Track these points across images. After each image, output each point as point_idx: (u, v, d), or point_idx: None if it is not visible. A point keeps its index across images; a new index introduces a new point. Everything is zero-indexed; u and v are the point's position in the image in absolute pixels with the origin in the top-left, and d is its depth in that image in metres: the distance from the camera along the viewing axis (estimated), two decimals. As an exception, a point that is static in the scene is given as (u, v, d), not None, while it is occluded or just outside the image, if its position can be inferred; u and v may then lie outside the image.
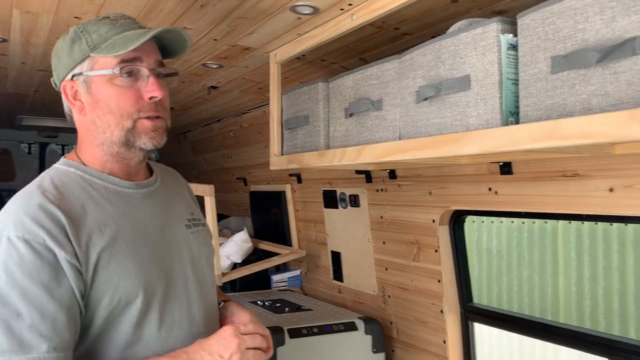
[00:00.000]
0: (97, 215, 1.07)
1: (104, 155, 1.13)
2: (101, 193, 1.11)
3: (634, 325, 3.57)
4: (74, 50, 1.10)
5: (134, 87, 1.08)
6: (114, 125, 1.09)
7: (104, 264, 1.03)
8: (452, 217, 1.82)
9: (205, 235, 1.30)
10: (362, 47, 1.75)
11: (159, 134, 1.11)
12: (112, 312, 1.04)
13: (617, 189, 1.26)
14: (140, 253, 1.09)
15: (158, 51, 1.14)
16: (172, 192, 1.28)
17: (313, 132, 1.69)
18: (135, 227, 1.11)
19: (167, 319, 1.11)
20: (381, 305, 2.20)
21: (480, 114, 1.10)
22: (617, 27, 0.87)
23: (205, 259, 1.26)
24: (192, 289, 1.18)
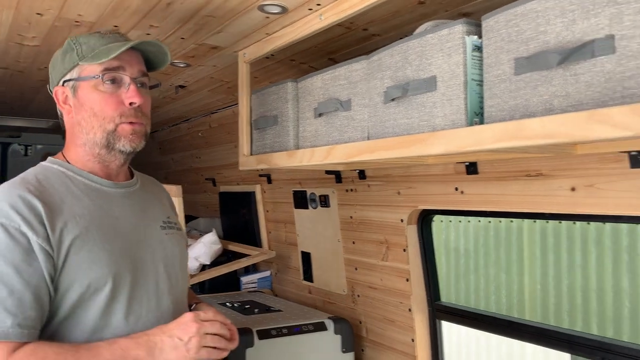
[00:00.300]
0: (74, 206, 1.16)
1: (85, 155, 1.24)
2: (80, 188, 1.21)
3: (595, 321, 3.67)
4: (65, 59, 1.23)
5: (116, 94, 1.19)
6: (97, 127, 1.20)
7: (76, 250, 1.11)
8: (420, 216, 1.84)
9: (179, 238, 1.37)
10: (331, 47, 1.75)
11: (137, 137, 1.22)
12: (81, 296, 1.11)
13: (579, 188, 1.30)
14: (112, 244, 1.16)
15: (142, 63, 1.26)
16: (151, 196, 1.37)
17: (282, 132, 1.68)
18: (110, 221, 1.20)
19: (135, 310, 1.17)
20: (351, 305, 2.21)
21: (446, 114, 1.11)
22: (577, 30, 0.90)
23: (178, 260, 1.34)
24: (162, 285, 1.25)
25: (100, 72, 1.18)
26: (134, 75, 1.21)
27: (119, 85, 1.20)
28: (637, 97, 0.82)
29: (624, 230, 3.51)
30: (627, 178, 1.20)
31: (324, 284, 2.38)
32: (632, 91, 0.83)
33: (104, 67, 1.18)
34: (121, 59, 1.19)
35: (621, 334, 3.51)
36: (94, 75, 1.19)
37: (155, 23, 1.56)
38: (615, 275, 3.58)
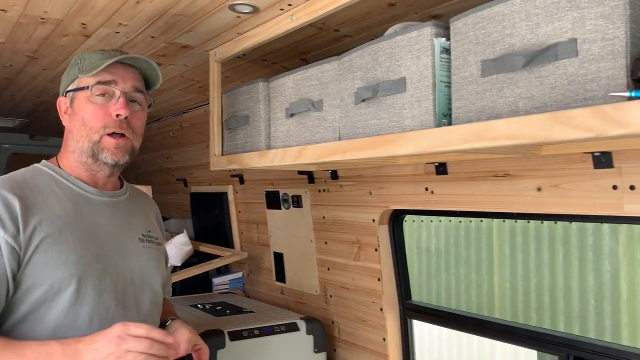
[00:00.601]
0: (54, 207, 1.20)
1: (74, 162, 1.29)
2: (64, 191, 1.26)
3: (562, 319, 3.76)
4: (70, 72, 1.32)
5: (105, 106, 1.25)
6: (84, 137, 1.26)
7: (45, 249, 1.14)
8: (391, 216, 1.86)
9: (157, 253, 1.41)
10: (303, 47, 1.76)
11: (119, 152, 1.26)
12: (45, 295, 1.13)
13: (545, 188, 1.32)
14: (83, 248, 1.19)
15: (138, 80, 1.31)
16: (136, 208, 1.42)
17: (254, 132, 1.68)
18: (87, 225, 1.24)
19: (100, 314, 1.19)
20: (323, 305, 2.21)
21: (415, 115, 1.12)
22: (542, 33, 0.92)
23: (153, 273, 1.36)
24: (131, 295, 1.28)
25: (93, 84, 1.25)
26: (126, 89, 1.27)
27: (110, 98, 1.26)
28: (599, 100, 0.84)
29: (589, 230, 3.60)
30: (591, 178, 1.23)
31: (296, 285, 2.38)
32: (593, 93, 0.85)
33: (97, 80, 1.25)
34: (114, 74, 1.26)
35: (587, 331, 3.60)
36: (86, 87, 1.26)
37: (124, 21, 1.54)
38: (581, 274, 3.67)
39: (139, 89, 1.31)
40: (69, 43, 1.74)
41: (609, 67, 0.83)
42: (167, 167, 3.45)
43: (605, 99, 0.83)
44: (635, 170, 1.14)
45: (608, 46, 0.83)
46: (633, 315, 3.45)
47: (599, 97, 0.84)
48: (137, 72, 1.32)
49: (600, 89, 0.84)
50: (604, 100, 0.83)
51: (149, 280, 1.35)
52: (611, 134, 0.78)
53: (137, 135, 1.31)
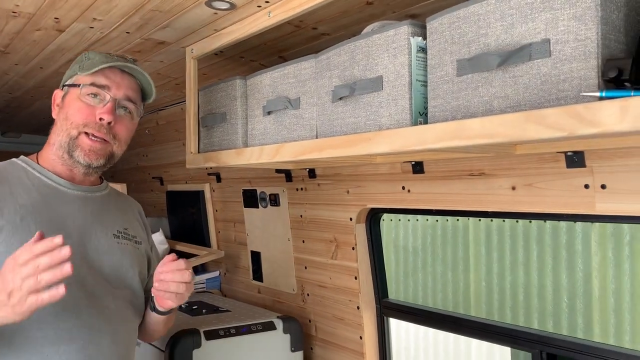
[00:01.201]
0: (19, 197, 1.21)
1: (52, 155, 1.29)
2: (34, 183, 1.26)
3: (536, 316, 3.82)
4: (72, 68, 1.33)
5: (92, 107, 1.26)
6: (64, 131, 1.26)
7: (4, 238, 1.13)
8: (368, 215, 1.86)
9: (134, 250, 1.38)
10: (280, 45, 1.75)
11: (93, 155, 1.26)
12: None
13: (519, 187, 1.34)
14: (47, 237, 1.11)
15: (134, 90, 1.33)
16: (114, 206, 1.41)
17: (231, 130, 1.66)
18: (54, 216, 1.23)
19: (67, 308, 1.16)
20: (300, 303, 2.21)
21: (391, 114, 1.13)
22: (516, 34, 0.93)
23: (128, 269, 1.34)
24: (101, 288, 1.26)
25: (86, 84, 1.26)
26: (117, 96, 1.28)
27: (100, 102, 1.27)
28: (571, 99, 0.86)
29: (562, 228, 3.67)
30: (564, 177, 1.25)
31: (273, 284, 2.37)
32: (566, 93, 0.86)
33: (92, 81, 1.27)
34: (110, 79, 1.28)
35: (560, 328, 3.66)
36: (79, 85, 1.27)
37: (98, 16, 1.51)
38: (554, 272, 3.73)
39: (132, 99, 1.32)
40: (41, 38, 1.70)
41: (581, 68, 0.84)
42: (143, 165, 3.41)
43: (577, 98, 0.85)
44: (606, 170, 1.17)
45: (580, 47, 0.85)
46: (604, 313, 3.53)
47: (571, 97, 0.86)
48: (135, 82, 1.33)
49: (573, 89, 0.85)
50: (576, 100, 0.85)
51: (124, 277, 1.33)
52: (583, 133, 0.79)
53: (119, 142, 1.31)
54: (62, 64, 1.99)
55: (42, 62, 1.98)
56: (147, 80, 1.35)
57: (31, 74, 2.15)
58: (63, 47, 1.79)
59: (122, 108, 1.30)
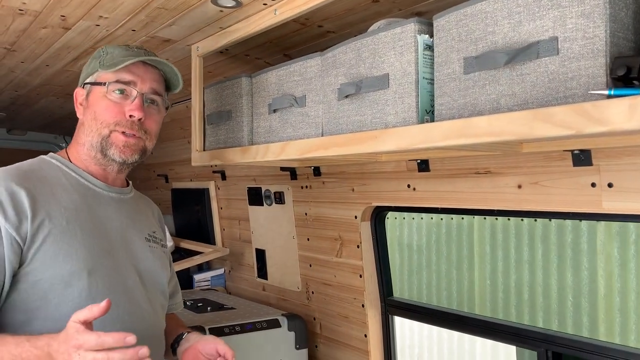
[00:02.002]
0: (62, 198, 1.19)
1: (83, 155, 1.28)
2: (72, 183, 1.24)
3: (541, 315, 3.81)
4: (91, 64, 1.31)
5: (120, 104, 1.24)
6: (94, 130, 1.24)
7: (53, 241, 1.11)
8: (373, 213, 1.86)
9: (161, 254, 1.39)
10: (286, 43, 1.75)
11: (128, 150, 1.25)
12: (54, 288, 1.10)
13: (525, 185, 1.34)
14: (93, 241, 1.18)
15: (159, 82, 1.31)
16: (141, 209, 1.41)
17: (236, 127, 1.66)
18: (95, 219, 1.22)
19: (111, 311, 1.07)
20: (305, 301, 2.21)
21: (397, 112, 1.12)
22: (523, 31, 0.92)
23: (159, 273, 1.35)
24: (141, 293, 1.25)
25: (111, 81, 1.24)
26: (144, 90, 1.26)
27: (127, 97, 1.25)
28: (579, 98, 0.85)
29: (568, 227, 3.65)
30: (570, 176, 1.24)
31: (278, 281, 2.37)
32: (574, 91, 0.86)
33: (116, 78, 1.24)
34: (134, 74, 1.25)
35: (565, 327, 3.65)
36: (104, 83, 1.25)
37: (104, 14, 1.51)
38: (560, 271, 3.72)
39: (158, 91, 1.30)
40: (48, 35, 1.71)
41: (589, 66, 0.84)
42: (148, 162, 3.41)
43: (585, 97, 0.84)
44: (613, 168, 1.16)
45: (588, 45, 0.84)
46: (610, 311, 3.52)
47: (579, 95, 0.85)
48: (158, 74, 1.31)
49: (581, 87, 0.85)
50: (584, 98, 0.84)
51: (158, 281, 1.34)
52: (590, 132, 0.79)
53: (150, 136, 1.29)
54: (68, 62, 2.00)
55: (48, 60, 1.98)
56: (172, 71, 1.33)
57: (37, 71, 2.15)
58: (69, 45, 1.80)
59: (149, 102, 1.28)
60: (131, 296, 1.22)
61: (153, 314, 1.29)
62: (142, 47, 1.35)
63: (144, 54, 1.30)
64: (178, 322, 1.51)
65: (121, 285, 1.21)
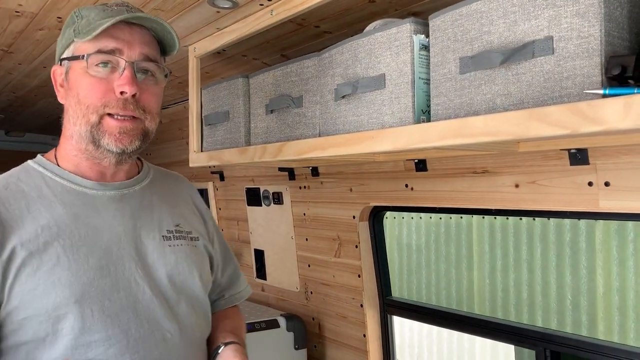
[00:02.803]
0: (39, 216, 0.98)
1: (73, 150, 1.05)
2: (55, 192, 1.02)
3: (540, 314, 3.81)
4: (65, 34, 1.05)
5: (107, 79, 1.00)
6: (81, 117, 1.00)
7: (30, 272, 0.92)
8: (371, 213, 1.86)
9: (192, 250, 1.13)
10: (283, 43, 1.75)
11: (126, 137, 1.01)
12: (43, 326, 0.93)
13: (522, 184, 1.34)
14: (81, 262, 0.96)
15: (150, 45, 1.04)
16: (161, 199, 1.15)
17: (234, 128, 1.66)
18: (86, 231, 1.00)
19: (119, 341, 0.97)
20: (304, 301, 2.21)
21: (394, 112, 1.12)
22: (519, 31, 0.93)
23: (187, 277, 1.10)
24: (157, 310, 1.03)
25: (91, 53, 0.99)
26: (133, 58, 1.00)
27: (114, 70, 1.00)
28: (574, 97, 0.85)
29: (566, 226, 3.66)
30: (567, 175, 1.24)
31: (276, 282, 2.37)
32: (569, 91, 0.86)
33: (97, 47, 0.99)
34: (118, 39, 0.99)
35: (564, 326, 3.65)
36: (82, 56, 0.99)
37: (101, 15, 1.51)
38: (558, 269, 3.72)
39: (151, 57, 1.03)
40: (44, 37, 1.71)
41: (584, 65, 0.84)
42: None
43: (580, 96, 0.84)
44: (610, 167, 1.16)
45: (583, 44, 0.84)
46: (608, 310, 3.52)
47: (575, 94, 0.85)
48: (148, 35, 1.04)
49: (576, 87, 0.85)
50: (579, 98, 0.84)
51: (184, 287, 1.08)
52: (586, 131, 0.79)
53: (150, 114, 1.04)
54: (66, 63, 1.99)
55: (46, 62, 1.98)
56: (163, 28, 1.05)
57: (34, 73, 2.15)
58: (66, 46, 1.80)
59: (142, 72, 1.02)
60: (146, 315, 1.01)
61: (180, 331, 1.05)
62: (122, 2, 1.08)
63: (126, 11, 1.03)
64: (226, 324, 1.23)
65: (127, 307, 0.99)
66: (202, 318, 1.14)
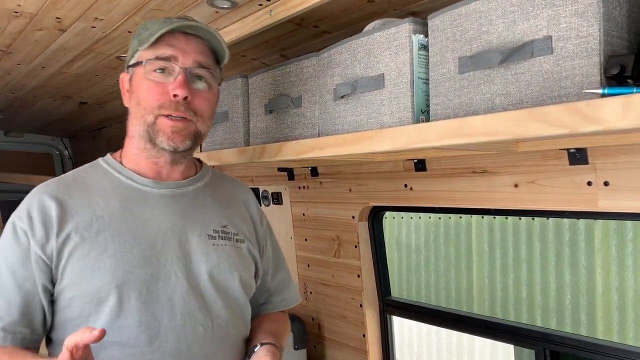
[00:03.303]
0: (96, 207, 1.09)
1: (134, 149, 1.16)
2: (114, 187, 1.13)
3: (539, 313, 3.81)
4: (132, 44, 1.17)
5: (163, 83, 1.10)
6: (139, 118, 1.11)
7: (80, 255, 1.03)
8: (370, 213, 1.86)
9: (235, 251, 1.19)
10: (282, 43, 1.75)
11: (178, 136, 1.10)
12: (87, 306, 1.03)
13: (521, 184, 1.34)
14: (126, 251, 1.06)
15: (204, 53, 1.15)
16: (214, 200, 1.23)
17: (233, 128, 1.66)
18: (135, 224, 1.10)
19: (150, 328, 1.04)
20: (303, 302, 2.21)
21: (393, 112, 1.13)
22: (518, 31, 0.93)
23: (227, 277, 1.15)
24: (193, 303, 1.09)
25: (149, 60, 1.10)
26: (186, 65, 1.11)
27: (169, 75, 1.10)
28: (573, 97, 0.85)
29: (565, 225, 3.66)
30: (567, 174, 1.24)
31: (276, 282, 2.37)
32: (568, 90, 0.86)
33: (155, 54, 1.10)
34: (174, 47, 1.11)
35: (563, 325, 3.66)
36: (141, 62, 1.11)
37: (100, 15, 1.51)
38: (557, 269, 3.72)
39: (204, 64, 1.14)
40: (43, 37, 1.70)
41: (583, 65, 0.84)
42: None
43: (579, 95, 0.84)
44: (609, 167, 1.16)
45: (582, 44, 0.84)
46: (608, 310, 3.52)
47: (574, 94, 0.85)
48: (203, 44, 1.15)
49: (575, 86, 0.85)
50: (578, 97, 0.84)
51: (223, 285, 1.14)
52: (585, 131, 0.79)
53: (202, 118, 1.13)
54: (65, 64, 1.99)
55: (45, 62, 1.98)
56: (216, 39, 1.16)
57: (33, 73, 2.15)
58: (65, 47, 1.80)
59: (195, 78, 1.13)
60: (180, 307, 1.07)
61: (213, 326, 1.11)
62: (184, 16, 1.20)
63: (184, 21, 1.14)
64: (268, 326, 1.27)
65: (163, 297, 1.06)
66: (239, 317, 1.19)
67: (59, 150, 4.19)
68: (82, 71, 2.10)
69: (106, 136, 3.67)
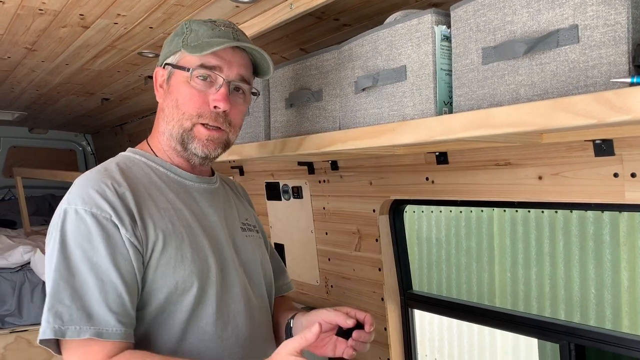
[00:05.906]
0: (159, 199, 1.10)
1: (164, 145, 1.19)
2: (163, 180, 1.15)
3: (563, 307, 3.76)
4: (173, 42, 1.18)
5: (204, 92, 1.13)
6: (175, 120, 1.14)
7: (163, 247, 1.05)
8: (391, 206, 1.85)
9: (258, 241, 1.31)
10: (302, 37, 1.75)
11: (211, 144, 1.15)
12: (169, 297, 1.05)
13: (546, 177, 1.32)
14: (197, 242, 1.11)
15: (246, 67, 1.18)
16: (230, 196, 1.32)
17: (254, 122, 1.67)
18: (194, 216, 1.14)
19: (223, 314, 1.11)
20: (324, 295, 2.21)
21: (415, 104, 1.12)
22: (543, 20, 0.91)
23: (259, 263, 1.27)
24: (249, 290, 1.19)
25: (195, 67, 1.12)
26: (230, 77, 1.14)
27: (211, 85, 1.13)
28: (600, 86, 0.84)
29: (589, 218, 3.60)
30: (592, 166, 1.22)
31: (297, 275, 2.38)
32: (594, 80, 0.85)
33: (201, 62, 1.12)
34: (221, 58, 1.13)
35: (588, 319, 3.61)
36: (187, 68, 1.13)
37: (122, 12, 1.53)
38: (581, 263, 3.67)
39: (245, 78, 1.17)
40: (67, 34, 1.73)
41: (611, 54, 0.83)
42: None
43: (606, 85, 0.83)
44: (636, 158, 1.14)
45: (610, 32, 0.83)
46: (634, 304, 3.46)
47: (601, 83, 0.84)
48: (247, 58, 1.18)
49: (602, 76, 0.84)
50: (606, 87, 0.83)
51: (262, 271, 1.25)
52: (612, 121, 0.78)
53: (234, 128, 1.18)
54: (87, 60, 2.02)
55: (68, 59, 2.01)
56: (263, 57, 1.19)
57: (57, 70, 2.18)
58: (88, 44, 1.82)
59: (235, 90, 1.16)
60: (242, 295, 1.15)
61: (264, 310, 1.22)
62: (229, 24, 1.21)
63: (232, 35, 1.15)
64: (285, 305, 1.39)
65: (231, 285, 1.13)
66: (271, 301, 1.30)
67: (81, 146, 4.25)
68: (105, 67, 2.13)
69: (128, 132, 3.71)
